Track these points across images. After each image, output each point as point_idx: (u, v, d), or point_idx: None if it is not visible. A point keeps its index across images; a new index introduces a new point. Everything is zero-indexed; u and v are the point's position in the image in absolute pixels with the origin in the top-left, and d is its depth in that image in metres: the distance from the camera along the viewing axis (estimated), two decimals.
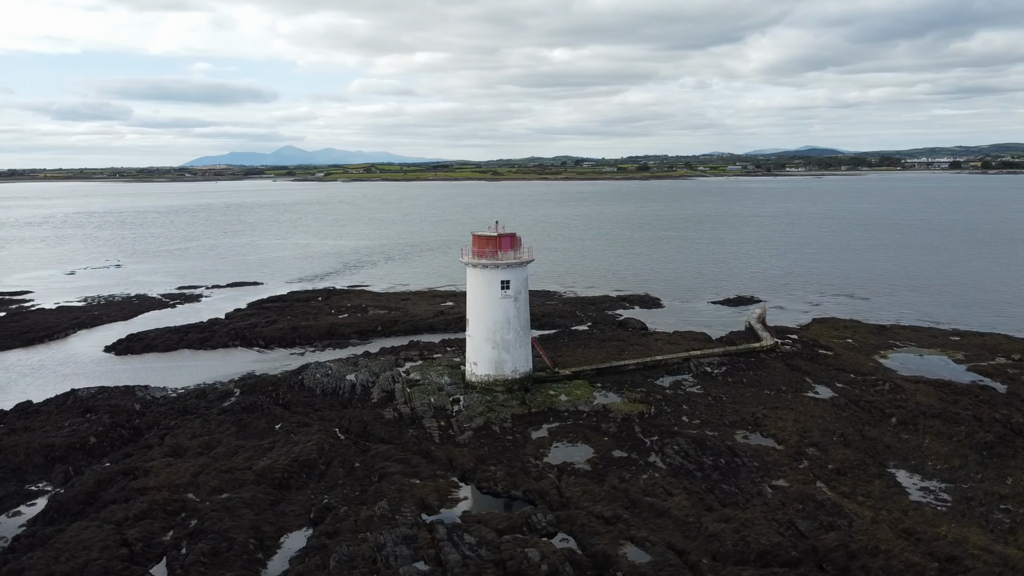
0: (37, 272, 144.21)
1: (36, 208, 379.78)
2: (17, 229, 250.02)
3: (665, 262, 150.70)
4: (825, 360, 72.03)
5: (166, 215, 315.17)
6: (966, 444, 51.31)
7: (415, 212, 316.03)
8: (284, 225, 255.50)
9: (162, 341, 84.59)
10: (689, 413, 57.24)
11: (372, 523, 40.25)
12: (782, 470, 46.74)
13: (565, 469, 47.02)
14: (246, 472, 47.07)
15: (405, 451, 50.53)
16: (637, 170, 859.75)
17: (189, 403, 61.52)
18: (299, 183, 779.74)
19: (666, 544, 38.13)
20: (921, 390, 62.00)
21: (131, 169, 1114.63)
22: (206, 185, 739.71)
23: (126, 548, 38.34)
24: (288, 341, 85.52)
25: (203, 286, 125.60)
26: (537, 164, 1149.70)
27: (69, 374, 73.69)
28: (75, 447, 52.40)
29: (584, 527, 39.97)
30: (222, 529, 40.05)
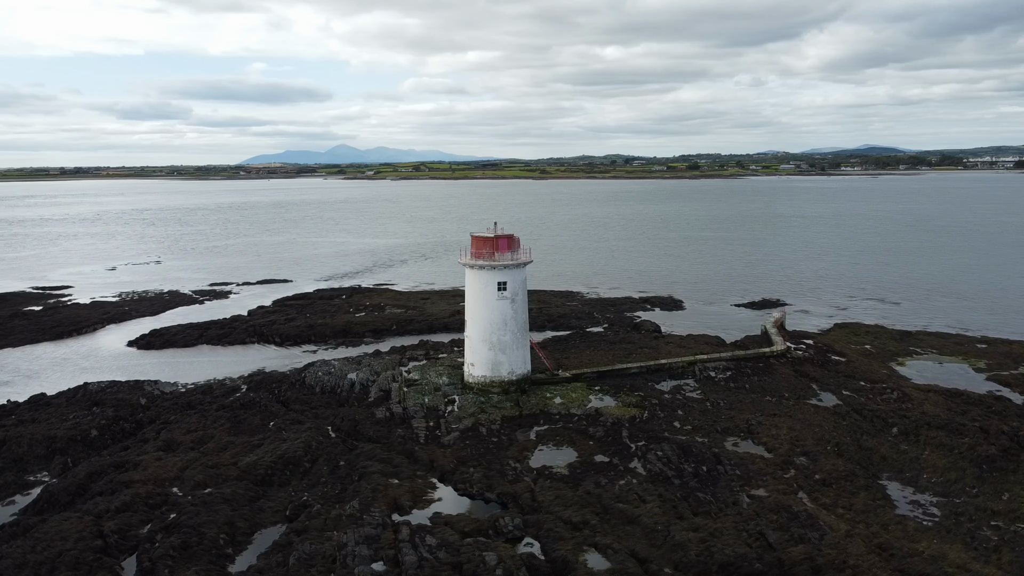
0: (81, 267, 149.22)
1: (94, 205, 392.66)
2: (72, 225, 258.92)
3: (697, 263, 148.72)
4: (836, 367, 70.27)
5: (215, 212, 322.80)
6: (967, 457, 49.53)
7: (456, 211, 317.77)
8: (325, 223, 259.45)
9: (182, 337, 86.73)
10: (682, 418, 56.44)
11: (340, 522, 40.69)
12: (764, 479, 45.78)
13: (543, 473, 46.83)
14: (231, 468, 48.00)
15: (390, 451, 50.93)
16: (687, 169, 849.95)
17: (194, 398, 62.97)
18: (349, 181, 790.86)
19: (629, 552, 37.70)
20: (930, 399, 60.02)
21: (189, 167, 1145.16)
22: (259, 183, 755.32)
23: (101, 540, 39.44)
24: (304, 339, 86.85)
25: (234, 283, 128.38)
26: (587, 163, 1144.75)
27: (89, 368, 76.09)
28: (76, 439, 54.08)
29: (550, 532, 39.77)
30: (196, 523, 40.92)
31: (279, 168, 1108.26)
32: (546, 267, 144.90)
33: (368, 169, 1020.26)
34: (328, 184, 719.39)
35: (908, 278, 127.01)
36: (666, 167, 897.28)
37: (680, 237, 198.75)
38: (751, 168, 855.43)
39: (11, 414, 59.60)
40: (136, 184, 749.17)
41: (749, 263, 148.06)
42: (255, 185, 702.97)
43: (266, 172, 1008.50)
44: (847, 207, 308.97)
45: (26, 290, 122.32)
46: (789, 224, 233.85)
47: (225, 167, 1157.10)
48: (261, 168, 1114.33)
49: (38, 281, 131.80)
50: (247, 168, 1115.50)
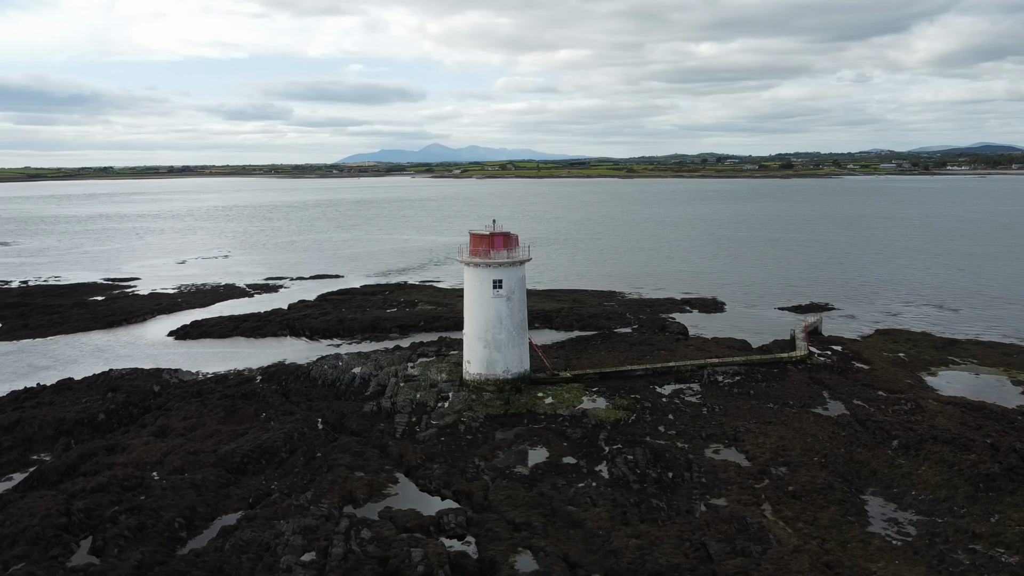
0: (154, 260, 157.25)
1: (189, 202, 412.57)
2: (162, 221, 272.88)
3: (755, 265, 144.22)
4: (856, 375, 66.95)
5: (298, 209, 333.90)
6: (965, 474, 46.33)
7: (530, 209, 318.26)
8: (396, 220, 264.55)
9: (218, 328, 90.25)
10: (670, 423, 54.99)
11: (289, 511, 41.57)
12: (730, 488, 44.12)
13: (504, 472, 46.52)
14: (209, 455, 49.69)
15: (365, 444, 51.63)
16: (779, 168, 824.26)
17: (205, 387, 65.44)
18: (436, 180, 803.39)
19: (561, 556, 37.06)
20: (946, 412, 56.42)
21: (287, 166, 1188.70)
22: (349, 181, 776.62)
23: (66, 517, 41.50)
24: (332, 333, 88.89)
25: (288, 278, 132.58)
26: (677, 161, 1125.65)
27: (125, 355, 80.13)
28: (83, 422, 57.09)
29: (489, 532, 39.52)
30: (157, 507, 42.58)
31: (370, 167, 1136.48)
32: (597, 267, 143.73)
33: (456, 168, 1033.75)
34: (414, 182, 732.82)
35: (977, 284, 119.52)
36: (758, 166, 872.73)
37: (749, 238, 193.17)
38: (848, 167, 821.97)
39: (35, 396, 63.46)
40: (234, 182, 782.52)
41: (811, 265, 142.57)
42: (345, 183, 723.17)
43: (357, 171, 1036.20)
44: (941, 208, 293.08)
45: (98, 281, 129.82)
46: (870, 226, 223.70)
47: (321, 166, 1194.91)
48: (353, 167, 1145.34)
49: (111, 273, 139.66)
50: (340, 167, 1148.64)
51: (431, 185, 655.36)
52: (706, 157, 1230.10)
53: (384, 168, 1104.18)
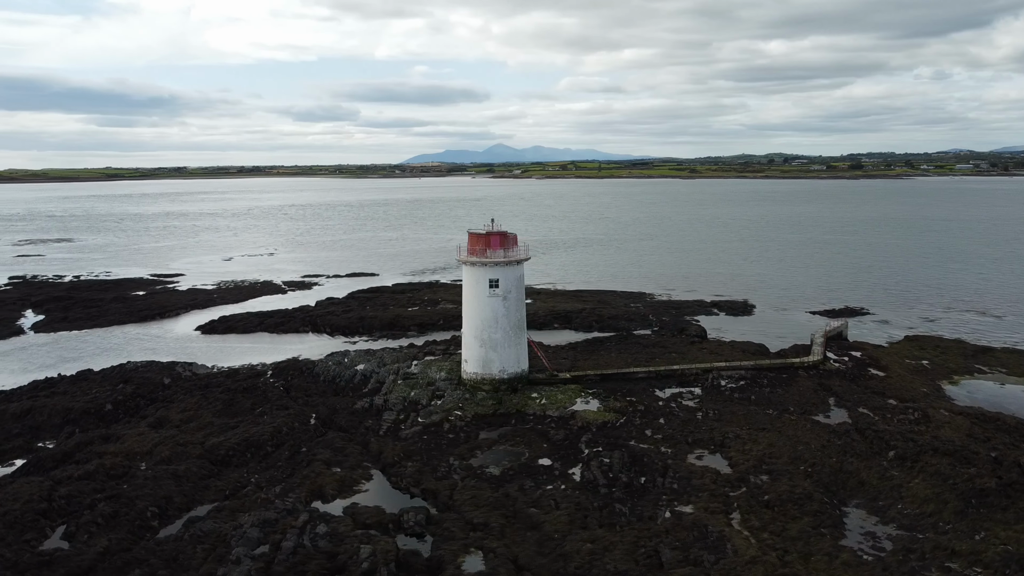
0: (201, 257, 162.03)
1: (252, 201, 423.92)
2: (221, 219, 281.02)
3: (798, 267, 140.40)
4: (868, 382, 64.50)
5: (354, 208, 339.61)
6: (958, 488, 44.12)
7: (582, 209, 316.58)
8: (446, 220, 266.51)
9: (243, 324, 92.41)
10: (659, 427, 53.92)
11: (255, 504, 42.25)
12: (700, 495, 42.98)
13: (475, 472, 46.32)
14: (196, 447, 50.89)
15: (349, 440, 52.14)
16: (848, 168, 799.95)
17: (214, 380, 67.04)
18: (496, 180, 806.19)
19: (511, 557, 36.73)
20: (954, 423, 53.89)
21: (351, 166, 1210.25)
22: (410, 181, 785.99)
23: (46, 503, 43.06)
24: (352, 330, 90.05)
25: (324, 275, 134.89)
26: (742, 161, 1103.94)
27: (150, 348, 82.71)
28: (90, 412, 59.15)
29: (446, 531, 39.46)
30: (135, 496, 43.81)
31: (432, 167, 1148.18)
32: (633, 268, 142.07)
33: (516, 168, 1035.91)
34: (474, 183, 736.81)
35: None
36: (825, 166, 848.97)
37: (799, 240, 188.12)
38: (921, 168, 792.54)
39: (53, 386, 66.05)
40: (299, 182, 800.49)
41: (857, 269, 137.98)
42: (405, 183, 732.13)
43: (419, 171, 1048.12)
44: (1013, 211, 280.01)
45: (144, 277, 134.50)
46: (931, 228, 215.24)
47: (385, 166, 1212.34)
48: (416, 167, 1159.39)
49: (159, 269, 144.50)
50: (403, 167, 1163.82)
51: (490, 185, 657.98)
52: (773, 157, 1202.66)
53: (446, 168, 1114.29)
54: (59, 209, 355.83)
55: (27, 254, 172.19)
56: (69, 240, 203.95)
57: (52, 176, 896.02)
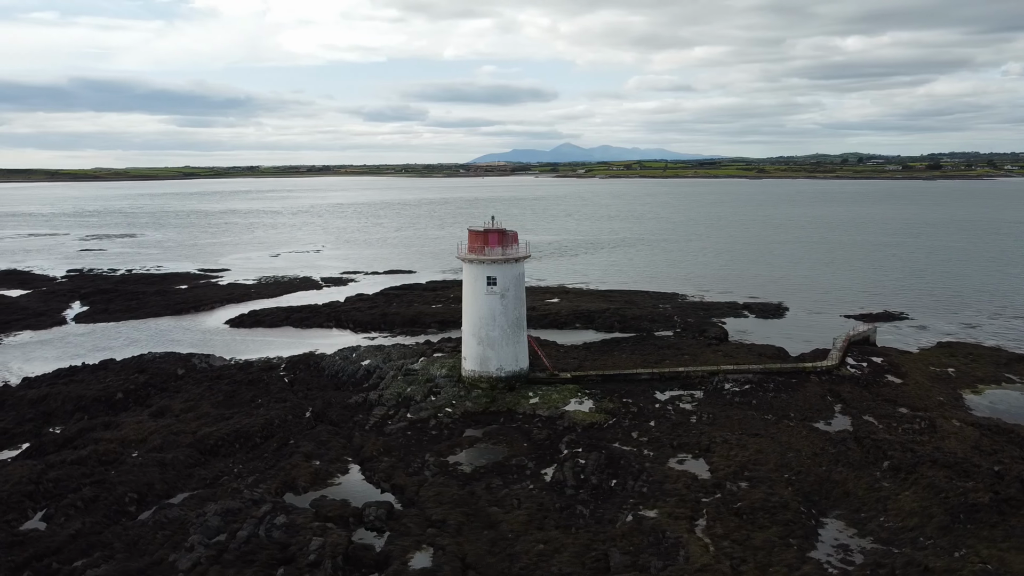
0: (250, 253, 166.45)
1: (316, 199, 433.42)
2: (280, 216, 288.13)
3: (844, 270, 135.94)
4: (882, 389, 61.93)
5: (411, 207, 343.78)
6: (949, 502, 41.93)
7: (637, 208, 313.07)
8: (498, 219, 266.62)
9: (271, 318, 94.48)
10: (647, 429, 52.88)
11: (224, 494, 43.09)
12: (668, 501, 41.91)
13: (446, 469, 46.24)
14: (188, 436, 52.21)
15: (336, 434, 52.70)
16: (926, 168, 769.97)
17: (226, 372, 68.70)
18: (559, 179, 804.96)
19: (460, 555, 36.53)
20: (961, 433, 51.31)
21: (417, 165, 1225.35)
22: (473, 181, 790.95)
23: (34, 485, 44.80)
24: (373, 326, 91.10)
25: (363, 272, 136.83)
26: (814, 161, 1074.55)
27: (178, 340, 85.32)
28: (100, 400, 61.29)
29: (402, 527, 39.53)
30: (117, 481, 45.21)
31: (496, 166, 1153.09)
32: (672, 268, 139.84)
33: (580, 168, 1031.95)
34: (537, 182, 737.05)
35: None
36: (901, 167, 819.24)
37: (854, 242, 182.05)
38: (1005, 168, 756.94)
39: (73, 374, 68.73)
40: (365, 180, 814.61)
41: (908, 272, 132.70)
42: (468, 183, 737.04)
43: (483, 170, 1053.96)
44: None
45: (191, 271, 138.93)
46: (998, 231, 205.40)
47: (450, 165, 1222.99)
48: (480, 166, 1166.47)
49: (207, 264, 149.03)
50: (467, 166, 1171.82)
51: (551, 185, 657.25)
52: (847, 157, 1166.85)
53: (510, 168, 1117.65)
54: (132, 206, 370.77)
55: (90, 248, 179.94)
56: (132, 236, 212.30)
57: (133, 175, 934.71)
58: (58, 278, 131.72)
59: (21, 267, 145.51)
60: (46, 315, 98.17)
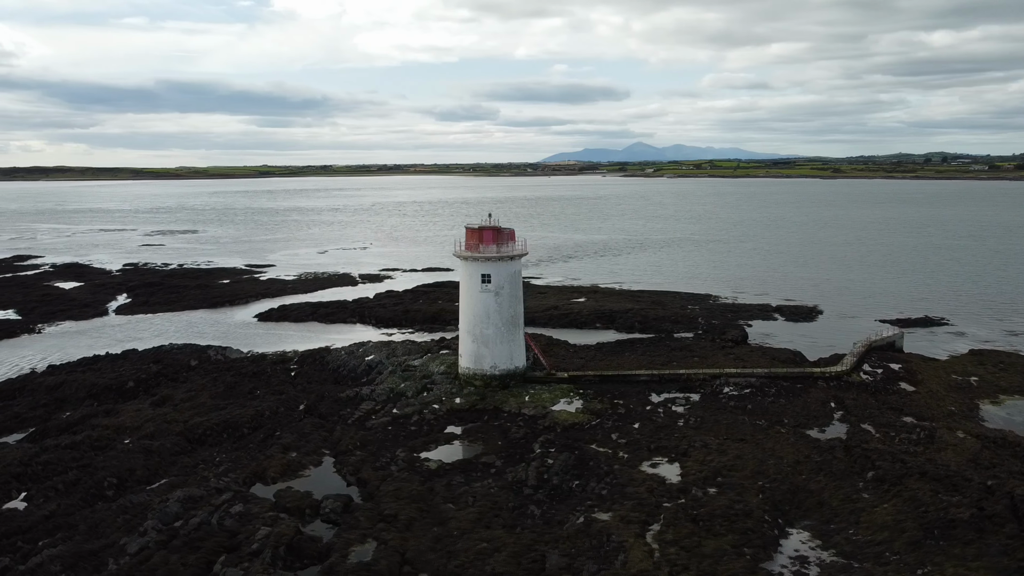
0: (299, 249, 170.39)
1: (379, 197, 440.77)
2: (338, 214, 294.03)
3: (894, 273, 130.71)
4: (890, 397, 59.28)
5: (470, 205, 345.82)
6: (927, 517, 39.93)
7: (696, 208, 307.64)
8: (552, 218, 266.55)
9: (297, 313, 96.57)
10: (630, 431, 51.91)
11: (196, 481, 44.22)
12: (625, 504, 41.04)
13: (412, 464, 46.35)
14: (179, 425, 53.80)
15: (320, 427, 53.46)
16: (1015, 168, 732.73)
17: (236, 364, 70.49)
18: (626, 179, 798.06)
19: (401, 551, 36.62)
20: (961, 445, 48.71)
21: (486, 164, 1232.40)
22: (540, 180, 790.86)
23: (23, 467, 46.90)
24: (395, 322, 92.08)
25: (401, 269, 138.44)
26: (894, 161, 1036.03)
27: (206, 332, 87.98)
28: (111, 388, 63.70)
29: (354, 520, 39.86)
30: (100, 466, 46.94)
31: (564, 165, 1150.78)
32: (713, 269, 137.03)
33: (649, 167, 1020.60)
34: (603, 181, 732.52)
35: None
36: (987, 166, 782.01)
37: (915, 244, 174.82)
38: None
39: (94, 363, 71.63)
40: (432, 179, 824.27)
41: (964, 276, 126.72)
42: (533, 182, 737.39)
43: (550, 169, 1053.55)
44: None
45: (238, 266, 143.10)
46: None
47: (519, 164, 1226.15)
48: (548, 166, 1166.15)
49: (255, 259, 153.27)
50: (534, 166, 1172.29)
51: (617, 184, 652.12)
52: (930, 157, 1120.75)
53: (578, 167, 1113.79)
54: (203, 203, 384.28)
55: (151, 243, 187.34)
56: (193, 232, 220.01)
57: (212, 173, 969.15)
58: (113, 271, 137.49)
59: (82, 261, 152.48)
60: (90, 306, 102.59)
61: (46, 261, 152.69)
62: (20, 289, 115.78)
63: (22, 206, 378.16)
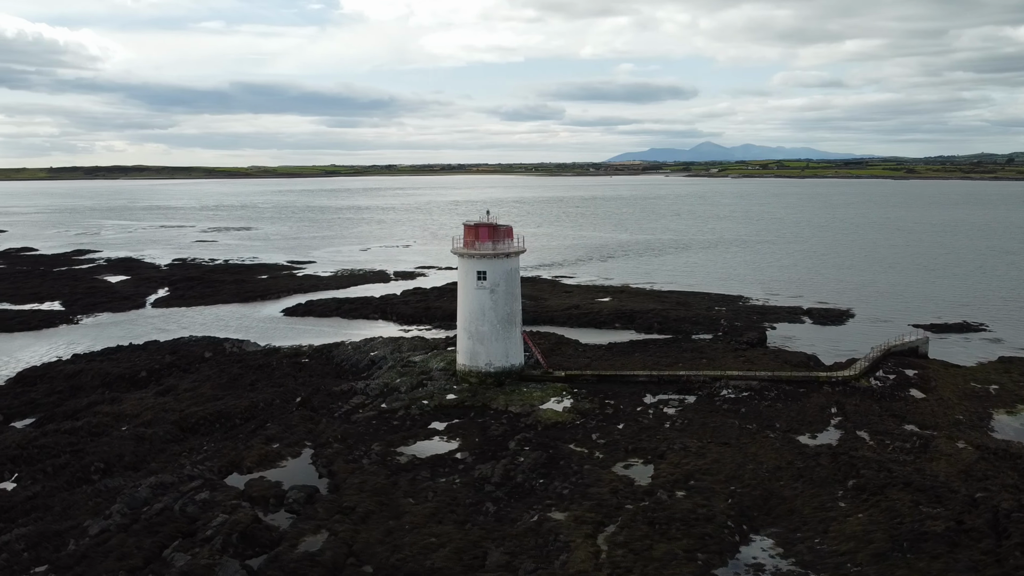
0: (342, 247, 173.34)
1: (434, 196, 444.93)
2: (391, 213, 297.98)
3: (944, 277, 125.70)
4: (895, 403, 56.98)
5: (525, 205, 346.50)
6: (902, 528, 38.26)
7: (754, 209, 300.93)
8: (598, 217, 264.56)
9: (322, 308, 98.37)
10: (612, 431, 51.21)
11: (171, 468, 45.48)
12: (584, 504, 40.48)
13: (384, 459, 46.67)
14: (175, 414, 55.38)
15: (308, 420, 54.27)
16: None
17: (247, 357, 72.15)
18: (689, 179, 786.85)
19: (348, 543, 36.96)
20: (955, 456, 46.51)
21: (549, 164, 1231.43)
22: (601, 180, 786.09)
23: (21, 450, 48.99)
24: (413, 319, 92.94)
25: (436, 267, 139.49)
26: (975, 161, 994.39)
27: (227, 325, 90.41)
28: (124, 377, 65.98)
29: (313, 511, 40.38)
30: (91, 451, 48.69)
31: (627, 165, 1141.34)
32: (754, 270, 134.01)
33: (714, 167, 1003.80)
34: (665, 181, 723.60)
35: None
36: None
37: (975, 248, 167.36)
38: None
39: (115, 353, 74.31)
40: (493, 179, 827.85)
41: (1016, 281, 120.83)
42: (594, 181, 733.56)
43: (612, 169, 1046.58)
44: None
45: (280, 262, 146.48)
46: None
47: (582, 164, 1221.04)
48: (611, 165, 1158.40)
49: (297, 256, 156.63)
50: (597, 165, 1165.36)
51: (678, 184, 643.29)
52: (1014, 156, 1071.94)
53: (641, 167, 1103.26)
54: (265, 202, 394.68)
55: (204, 240, 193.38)
56: (247, 229, 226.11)
57: (280, 173, 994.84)
58: (161, 266, 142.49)
59: (136, 255, 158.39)
60: (129, 299, 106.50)
61: (102, 255, 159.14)
62: (70, 282, 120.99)
63: (97, 203, 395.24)
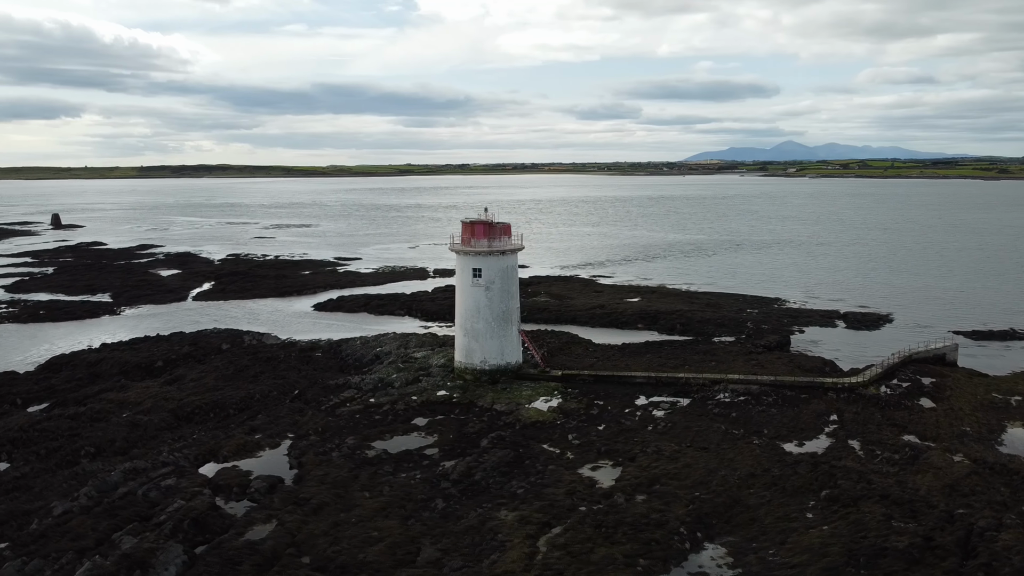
0: (390, 244, 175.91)
1: (500, 195, 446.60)
2: (454, 211, 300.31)
3: (1007, 283, 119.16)
4: (898, 413, 54.29)
5: (588, 204, 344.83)
6: (866, 542, 36.50)
7: (824, 210, 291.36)
8: (657, 216, 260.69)
9: (351, 304, 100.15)
10: (591, 432, 50.45)
11: (147, 455, 47.04)
12: (534, 504, 39.97)
13: (353, 453, 47.09)
14: (172, 403, 57.27)
15: (296, 412, 55.34)
16: None
17: (262, 349, 73.97)
18: (765, 178, 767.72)
19: (292, 534, 37.49)
20: (945, 469, 44.06)
21: (623, 163, 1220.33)
22: (674, 179, 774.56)
23: (21, 433, 51.48)
24: (437, 316, 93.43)
25: None
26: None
27: (257, 318, 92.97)
28: (140, 366, 68.59)
29: (272, 501, 41.11)
30: (86, 436, 50.84)
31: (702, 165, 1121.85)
32: (797, 273, 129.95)
33: (792, 167, 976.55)
34: (739, 180, 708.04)
35: None
36: None
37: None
38: None
39: (139, 343, 77.26)
40: (565, 178, 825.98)
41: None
42: (667, 181, 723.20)
43: (686, 169, 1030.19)
44: None
45: (327, 259, 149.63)
46: None
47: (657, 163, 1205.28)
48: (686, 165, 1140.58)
49: (346, 253, 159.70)
50: (671, 164, 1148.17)
51: (752, 183, 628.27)
52: None
53: (716, 166, 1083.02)
54: (334, 200, 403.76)
55: (262, 236, 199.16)
56: (307, 226, 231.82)
57: (356, 172, 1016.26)
58: (215, 261, 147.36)
59: (194, 250, 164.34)
60: (173, 292, 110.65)
61: (163, 250, 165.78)
62: (123, 275, 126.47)
63: (178, 200, 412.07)
